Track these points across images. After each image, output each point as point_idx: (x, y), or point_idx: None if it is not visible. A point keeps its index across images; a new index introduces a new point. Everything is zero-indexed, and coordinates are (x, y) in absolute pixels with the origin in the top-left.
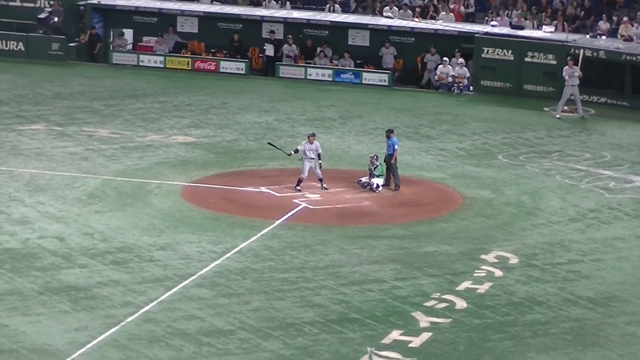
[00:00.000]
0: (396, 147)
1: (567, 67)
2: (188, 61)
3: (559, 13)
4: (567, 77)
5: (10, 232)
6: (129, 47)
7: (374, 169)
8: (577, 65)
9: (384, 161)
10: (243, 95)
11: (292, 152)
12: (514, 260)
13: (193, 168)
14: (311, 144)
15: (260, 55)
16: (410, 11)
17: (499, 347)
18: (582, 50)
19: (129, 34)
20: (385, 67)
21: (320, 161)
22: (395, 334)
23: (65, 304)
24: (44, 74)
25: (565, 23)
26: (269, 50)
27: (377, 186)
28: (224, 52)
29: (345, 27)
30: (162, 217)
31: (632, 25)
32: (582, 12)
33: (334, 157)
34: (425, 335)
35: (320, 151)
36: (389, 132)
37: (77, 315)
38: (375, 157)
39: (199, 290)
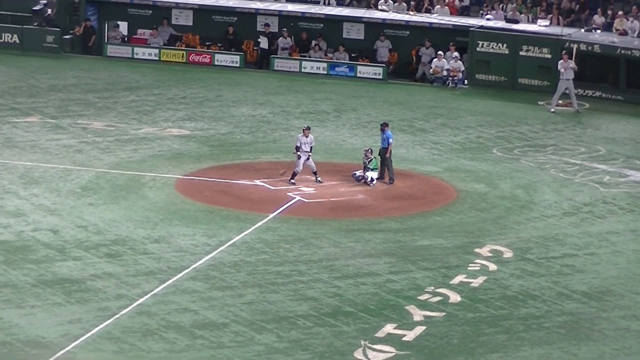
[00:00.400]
0: (390, 140)
1: (562, 60)
2: (183, 54)
3: (554, 7)
4: (562, 70)
5: (4, 225)
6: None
7: (369, 162)
8: (571, 59)
9: (379, 154)
10: (237, 88)
11: (297, 153)
12: (508, 254)
13: (187, 161)
14: (306, 137)
15: (254, 48)
16: (405, 4)
17: (493, 340)
18: (575, 47)
19: (123, 26)
20: (380, 61)
21: (309, 153)
22: (389, 328)
23: (59, 296)
24: (39, 67)
25: (560, 17)
26: (263, 43)
27: (372, 179)
28: (219, 45)
29: (340, 20)
30: (156, 210)
31: (627, 19)
32: (577, 6)
33: (329, 150)
34: (419, 329)
35: (313, 144)
36: (384, 126)
37: (71, 307)
38: (369, 150)
39: (193, 283)
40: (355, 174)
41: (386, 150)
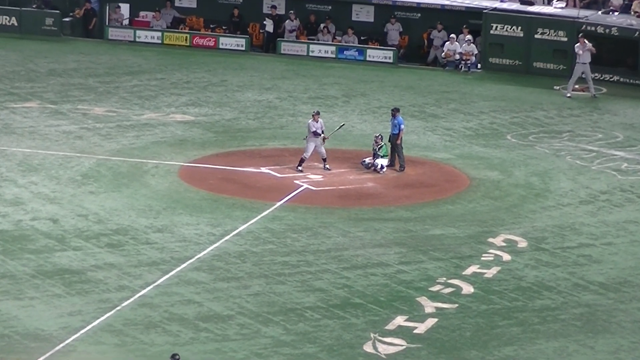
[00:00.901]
0: (402, 126)
1: (578, 44)
2: (186, 37)
3: None
4: (580, 53)
5: (2, 214)
6: (126, 22)
7: (379, 149)
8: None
9: (389, 141)
10: (243, 73)
11: (323, 136)
12: (522, 243)
13: (191, 147)
14: (316, 122)
15: (260, 31)
16: None
17: (507, 333)
18: (580, 36)
19: (125, 8)
20: (391, 44)
21: (323, 135)
22: (400, 320)
23: (58, 287)
24: (38, 50)
25: None
26: (269, 26)
27: (382, 167)
28: (224, 27)
29: (349, 2)
30: (159, 198)
31: None
32: None
33: (337, 136)
34: (431, 321)
35: (324, 129)
36: (395, 111)
37: (71, 299)
38: (379, 136)
39: (197, 274)
40: (364, 161)
41: (397, 136)
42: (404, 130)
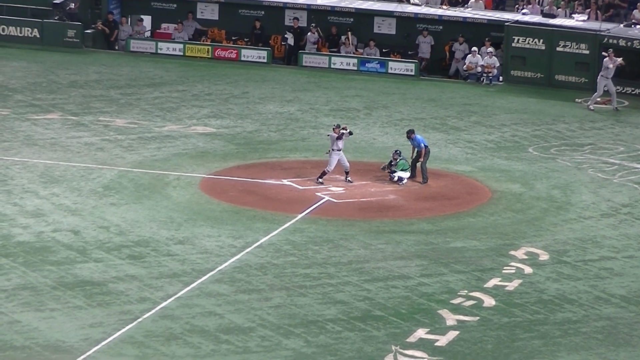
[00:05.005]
0: (422, 145)
1: (607, 58)
2: (208, 49)
3: (592, 1)
4: (610, 66)
5: (24, 225)
6: (147, 34)
7: (396, 164)
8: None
9: (417, 155)
10: (264, 85)
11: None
12: (544, 256)
13: (212, 159)
14: (336, 134)
15: (282, 43)
16: None
17: (528, 346)
18: (610, 51)
19: (147, 20)
20: (422, 57)
21: (349, 130)
22: (421, 332)
23: (79, 299)
24: (59, 62)
25: (598, 11)
26: (290, 39)
27: (400, 179)
28: (245, 39)
29: (370, 14)
30: (180, 210)
31: None
32: (616, 0)
33: (359, 148)
34: (452, 334)
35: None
36: (410, 133)
37: (92, 311)
38: (397, 151)
39: (218, 286)
40: (390, 171)
41: (418, 155)
42: (424, 148)
